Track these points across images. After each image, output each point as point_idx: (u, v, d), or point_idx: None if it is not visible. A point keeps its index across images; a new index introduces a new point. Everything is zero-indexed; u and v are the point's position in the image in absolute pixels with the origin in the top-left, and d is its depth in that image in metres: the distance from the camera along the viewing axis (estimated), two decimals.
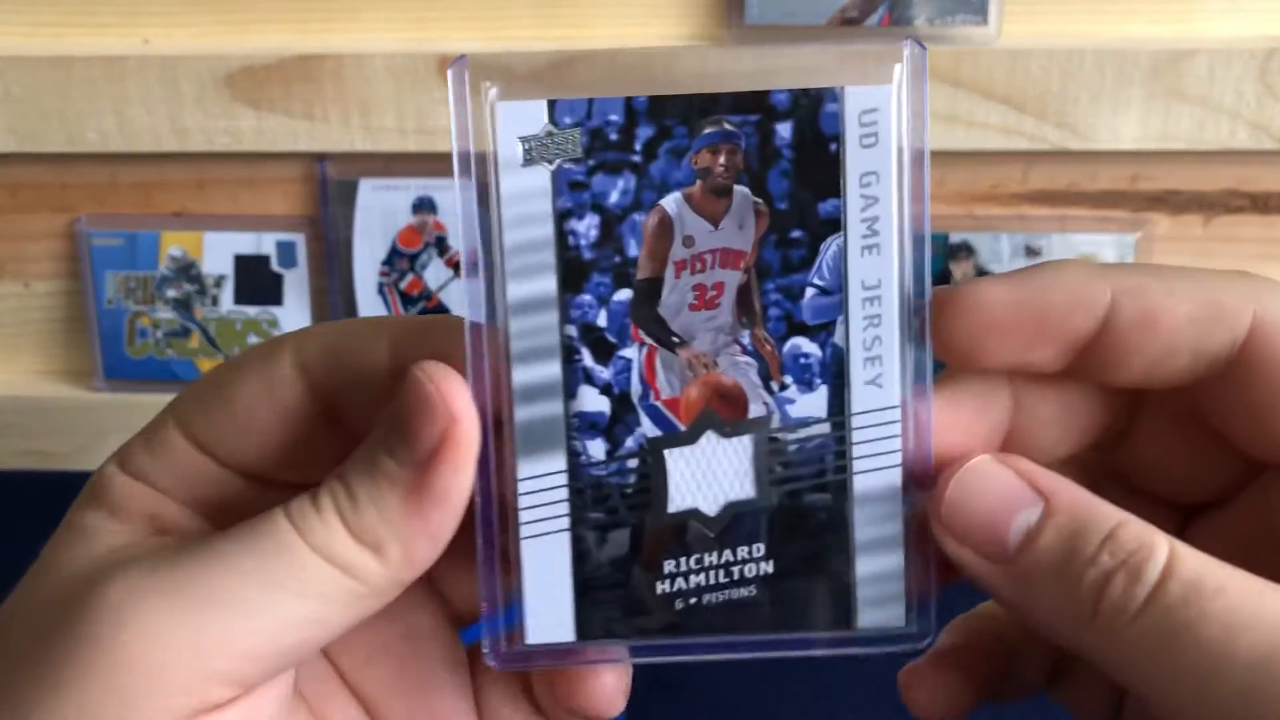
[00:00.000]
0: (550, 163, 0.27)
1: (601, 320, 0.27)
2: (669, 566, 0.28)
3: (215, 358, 0.73)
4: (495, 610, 0.28)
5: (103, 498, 0.28)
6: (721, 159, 0.27)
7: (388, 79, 0.65)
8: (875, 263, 0.27)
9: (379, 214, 0.70)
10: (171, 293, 0.73)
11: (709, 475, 0.28)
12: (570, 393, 0.27)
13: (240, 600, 0.25)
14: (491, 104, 0.26)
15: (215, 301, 0.73)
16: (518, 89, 0.26)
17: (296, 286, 0.72)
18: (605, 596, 0.28)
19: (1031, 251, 0.70)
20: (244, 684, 0.25)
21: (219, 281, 0.72)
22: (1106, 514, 0.25)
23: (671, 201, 0.27)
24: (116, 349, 0.73)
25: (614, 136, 0.27)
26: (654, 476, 0.28)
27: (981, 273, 0.70)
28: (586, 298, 0.27)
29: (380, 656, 0.30)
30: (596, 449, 0.28)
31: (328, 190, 0.70)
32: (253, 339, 0.73)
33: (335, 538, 0.25)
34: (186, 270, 0.72)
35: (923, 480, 0.27)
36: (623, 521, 0.28)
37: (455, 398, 0.25)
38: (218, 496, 0.28)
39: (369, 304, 0.71)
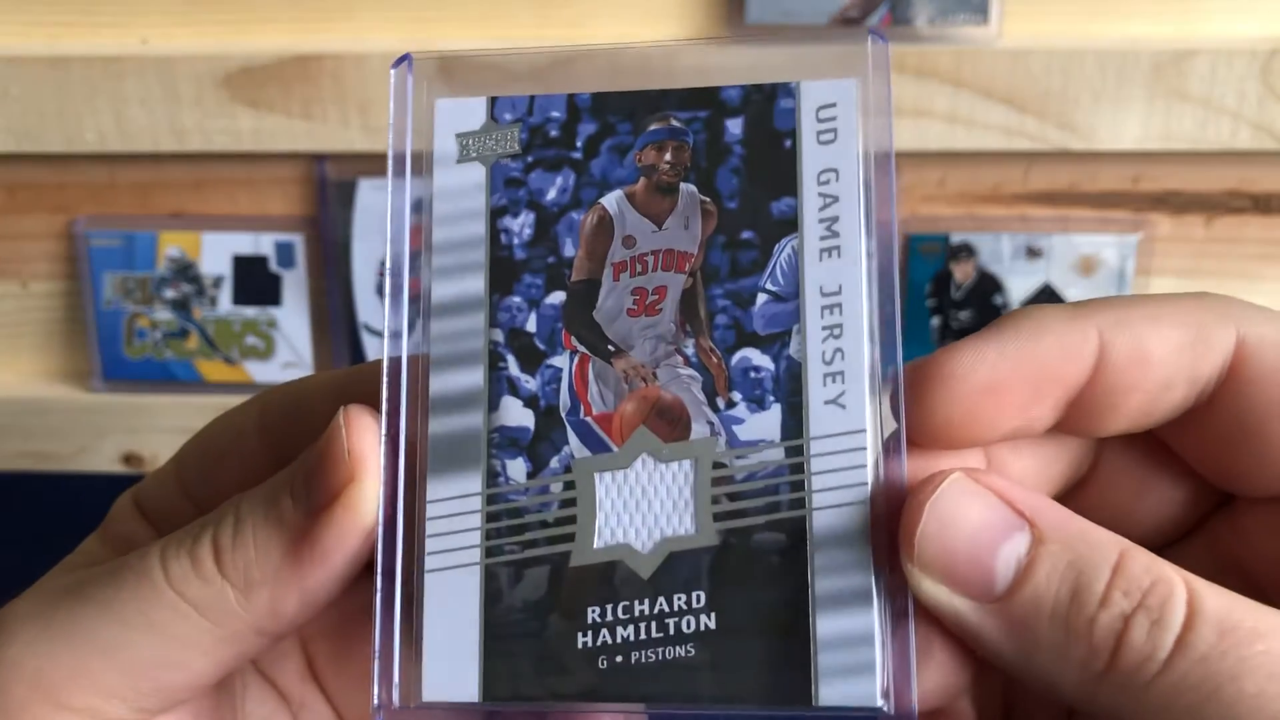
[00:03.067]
0: (486, 159, 0.25)
1: (531, 324, 0.25)
2: (592, 615, 0.24)
3: (213, 358, 0.73)
4: (390, 655, 0.24)
5: (107, 523, 0.28)
6: (668, 156, 0.25)
7: (386, 79, 0.65)
8: (835, 266, 0.24)
9: (378, 214, 0.70)
10: (170, 293, 0.72)
11: (643, 506, 0.24)
12: (492, 404, 0.24)
13: (93, 636, 0.24)
14: (433, 103, 0.25)
15: (213, 302, 0.72)
16: (459, 86, 0.25)
17: (295, 287, 0.72)
18: (517, 649, 0.24)
19: (1033, 252, 0.70)
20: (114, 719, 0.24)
21: (217, 282, 0.72)
22: (1105, 540, 0.22)
23: (612, 199, 0.25)
24: (114, 350, 0.73)
25: (555, 133, 0.25)
26: (580, 505, 0.24)
27: (983, 274, 0.70)
28: (516, 300, 0.25)
29: (348, 653, 0.29)
30: (517, 470, 0.24)
31: (326, 190, 0.70)
32: (251, 340, 0.73)
33: (198, 575, 0.24)
34: (185, 271, 0.72)
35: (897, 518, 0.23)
36: (542, 557, 0.24)
37: (363, 454, 0.23)
38: None
39: (368, 305, 0.71)
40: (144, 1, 0.67)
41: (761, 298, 0.24)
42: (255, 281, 0.72)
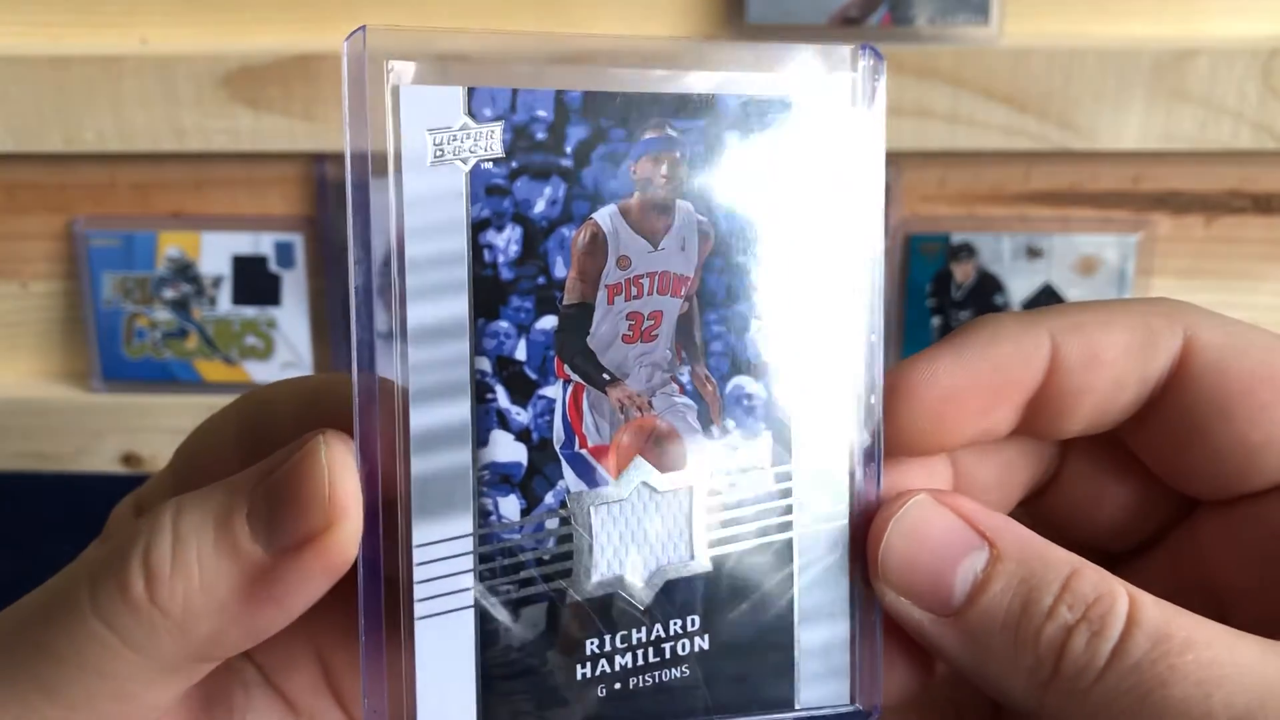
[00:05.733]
0: (465, 162, 0.22)
1: (520, 352, 0.23)
2: (591, 647, 0.24)
3: (213, 359, 0.73)
4: (380, 705, 0.23)
5: (108, 530, 0.28)
6: (663, 169, 0.23)
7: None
8: (828, 292, 0.24)
9: (377, 214, 0.70)
10: (169, 293, 0.72)
11: (640, 537, 0.24)
12: (481, 440, 0.23)
13: (38, 676, 0.22)
14: (396, 88, 0.22)
15: (213, 302, 0.72)
16: (430, 72, 0.22)
17: (294, 287, 0.72)
18: (515, 687, 0.23)
19: (1033, 252, 0.70)
20: None
21: (217, 282, 0.72)
22: (1058, 559, 0.23)
23: (606, 215, 0.23)
24: (114, 350, 0.73)
25: (541, 135, 0.23)
26: (577, 540, 0.24)
27: (983, 274, 0.70)
28: (503, 325, 0.23)
29: (303, 660, 0.28)
30: (510, 507, 0.23)
31: (326, 190, 0.70)
32: (250, 340, 0.73)
33: (124, 605, 0.22)
34: (184, 271, 0.72)
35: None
36: (539, 595, 0.23)
37: (345, 499, 0.22)
38: None
39: None
40: (144, 1, 0.67)
41: (755, 324, 0.24)
42: (255, 281, 0.72)
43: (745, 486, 0.24)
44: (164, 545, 0.22)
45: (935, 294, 0.71)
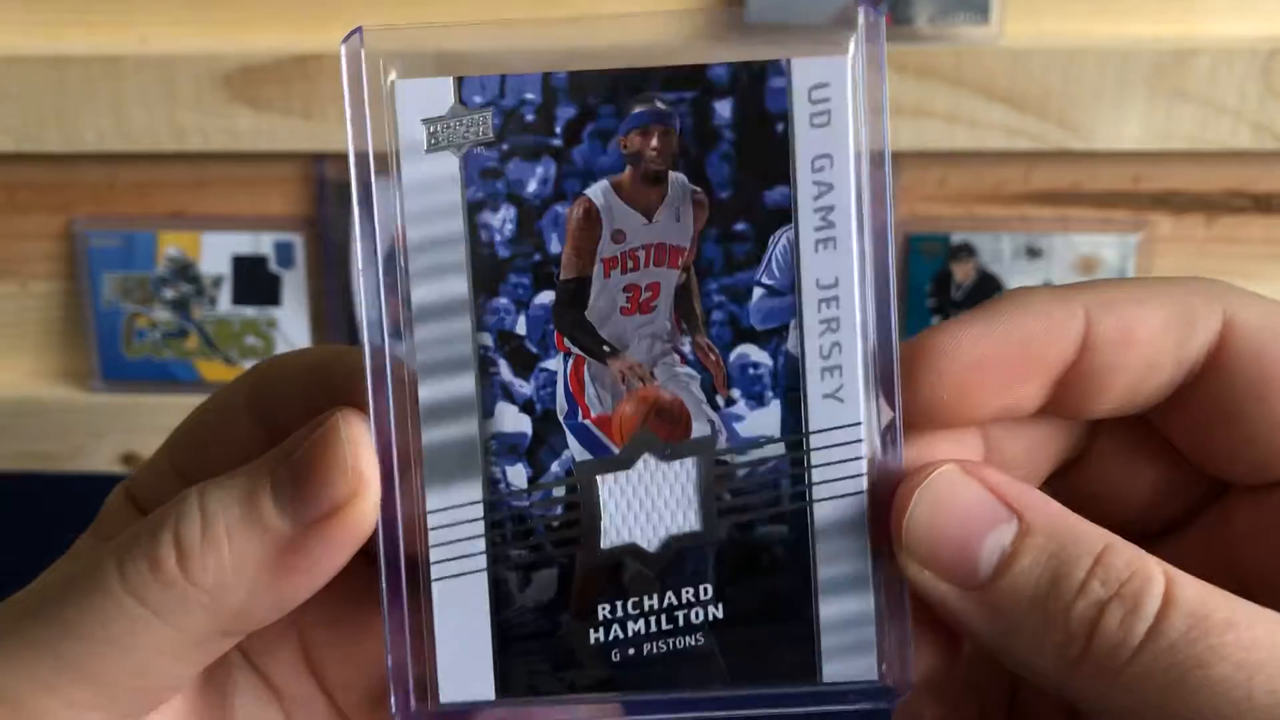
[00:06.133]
0: (458, 148, 0.23)
1: (520, 327, 0.24)
2: (603, 612, 0.24)
3: (213, 359, 0.73)
4: (404, 664, 0.24)
5: (101, 520, 0.27)
6: (654, 142, 0.24)
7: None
8: (832, 258, 0.23)
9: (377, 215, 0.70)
10: (169, 293, 0.72)
11: (647, 505, 0.24)
12: (486, 411, 0.24)
13: (62, 655, 0.23)
14: (391, 83, 0.23)
15: (213, 302, 0.72)
16: (421, 66, 0.23)
17: (294, 287, 0.72)
18: (530, 647, 0.24)
19: (1033, 252, 0.70)
20: None
21: (217, 282, 0.72)
22: (1090, 534, 0.22)
23: (598, 191, 0.24)
24: (114, 350, 0.73)
25: (531, 118, 0.23)
26: (584, 507, 0.24)
27: (982, 273, 0.70)
28: (502, 301, 0.24)
29: (342, 641, 0.28)
30: (517, 476, 0.24)
31: (326, 190, 0.70)
32: (250, 340, 0.73)
33: (155, 580, 0.23)
34: (184, 271, 0.72)
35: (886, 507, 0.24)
36: (549, 559, 0.24)
37: (364, 469, 0.23)
38: None
39: None
40: (143, 1, 0.67)
41: (757, 292, 0.24)
42: (254, 281, 0.72)
43: (755, 456, 0.24)
44: (193, 522, 0.23)
45: (935, 294, 0.71)
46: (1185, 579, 0.22)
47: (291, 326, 0.73)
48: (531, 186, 0.24)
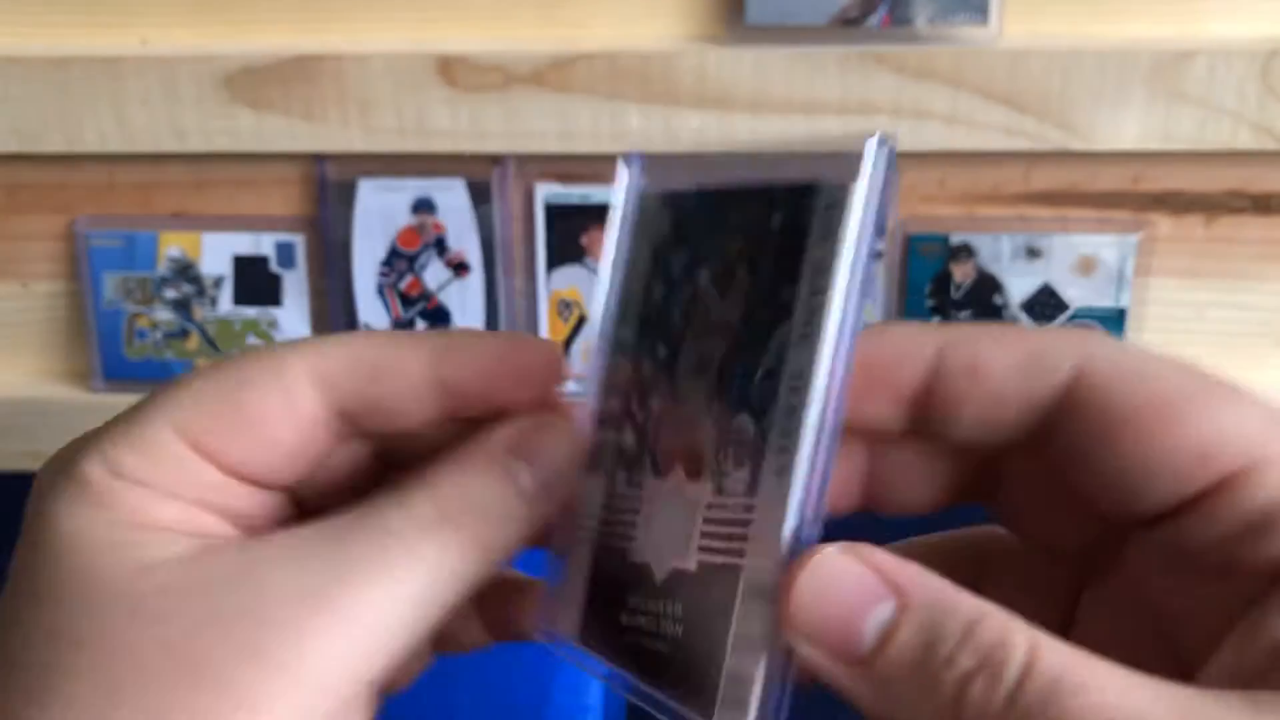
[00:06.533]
0: (649, 239, 0.31)
1: (647, 370, 0.30)
2: (630, 600, 0.29)
3: (214, 359, 0.73)
4: (549, 596, 0.31)
5: (102, 503, 0.27)
6: (738, 244, 0.29)
7: (387, 79, 0.65)
8: (805, 352, 0.26)
9: (378, 215, 0.70)
10: (170, 294, 0.72)
11: (666, 526, 0.29)
12: (619, 428, 0.31)
13: (373, 617, 0.26)
14: (635, 186, 0.32)
15: (214, 302, 0.73)
16: (658, 179, 0.31)
17: (295, 287, 0.72)
18: (599, 608, 0.30)
19: (1032, 253, 0.70)
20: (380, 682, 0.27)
21: (218, 282, 0.72)
22: (965, 607, 0.23)
23: (704, 278, 0.29)
24: (115, 350, 0.73)
25: (685, 221, 0.30)
26: (639, 516, 0.29)
27: (982, 274, 0.70)
28: (645, 344, 0.30)
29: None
30: (621, 480, 0.30)
31: (327, 191, 0.70)
32: (252, 340, 0.73)
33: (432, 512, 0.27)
34: (185, 271, 0.72)
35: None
36: (618, 548, 0.30)
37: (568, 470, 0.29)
38: (222, 502, 0.28)
39: (368, 305, 0.71)
40: (144, 2, 0.67)
41: (759, 373, 0.27)
42: (256, 282, 0.72)
43: (726, 509, 0.27)
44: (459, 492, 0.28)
45: (935, 294, 0.71)
46: (1050, 646, 0.23)
47: (292, 326, 0.73)
48: (675, 270, 0.30)
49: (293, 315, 0.73)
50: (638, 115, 0.65)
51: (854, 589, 0.24)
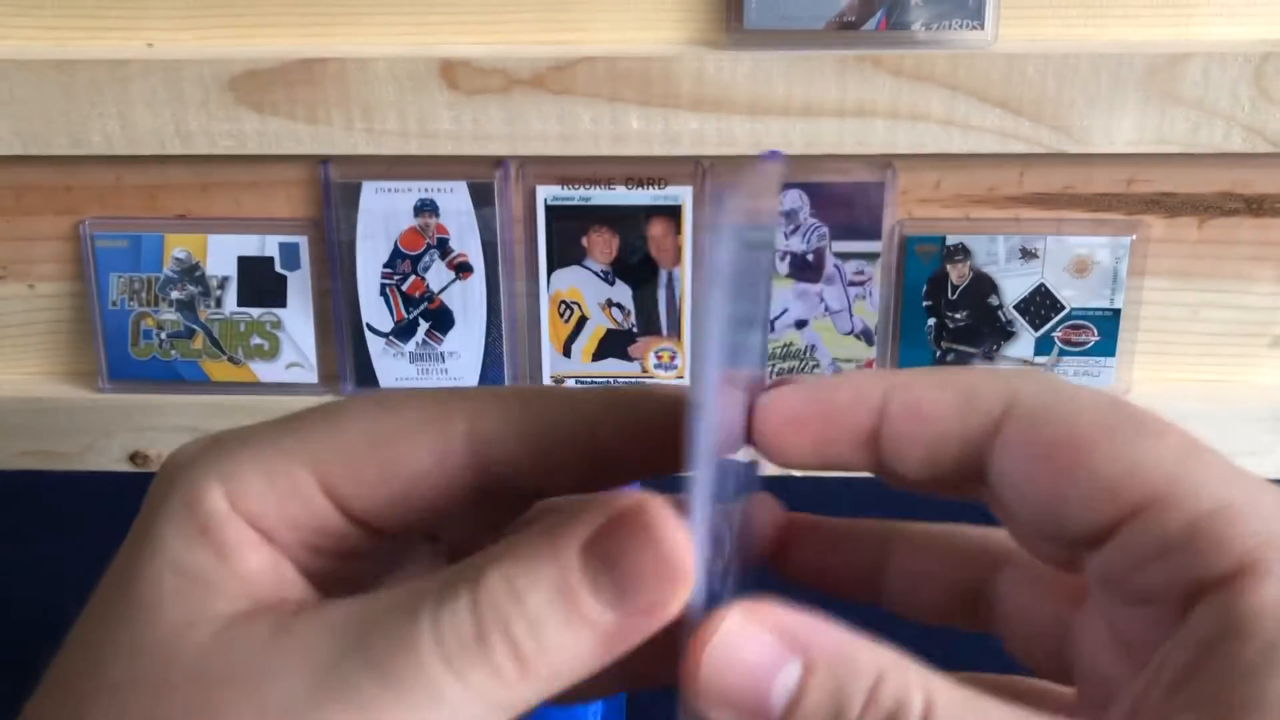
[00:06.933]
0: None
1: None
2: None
3: (219, 359, 0.74)
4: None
5: (212, 535, 0.25)
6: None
7: (390, 82, 0.65)
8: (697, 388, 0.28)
9: (381, 216, 0.71)
10: (175, 294, 0.73)
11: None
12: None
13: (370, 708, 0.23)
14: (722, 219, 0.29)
15: (219, 303, 0.73)
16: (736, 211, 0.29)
17: (300, 288, 0.73)
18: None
19: (1027, 254, 0.70)
20: None
21: (222, 283, 0.73)
22: (866, 667, 0.24)
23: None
24: (121, 350, 0.74)
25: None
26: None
27: (977, 275, 0.71)
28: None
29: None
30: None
31: (330, 192, 0.70)
32: (256, 340, 0.73)
33: (505, 684, 0.23)
34: (190, 272, 0.73)
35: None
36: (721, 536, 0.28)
37: (684, 556, 0.24)
38: (332, 544, 0.27)
39: (371, 306, 0.72)
40: (150, 5, 0.68)
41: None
42: (260, 282, 0.73)
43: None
44: (520, 622, 0.24)
45: (931, 295, 0.71)
46: (945, 696, 0.23)
47: (296, 327, 0.73)
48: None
49: (297, 316, 0.73)
50: (638, 118, 0.66)
51: (758, 656, 0.24)
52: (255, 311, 0.73)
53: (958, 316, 0.72)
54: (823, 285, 0.71)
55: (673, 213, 0.70)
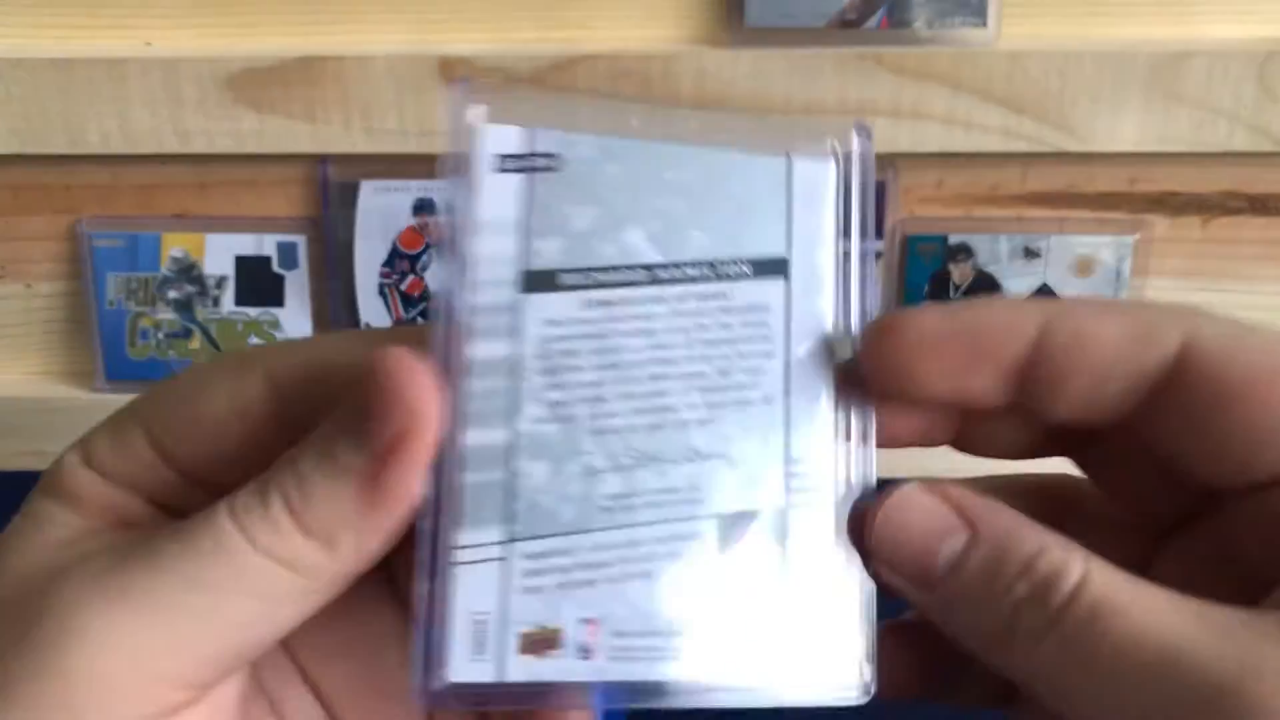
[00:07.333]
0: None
1: None
2: None
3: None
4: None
5: (61, 487, 0.28)
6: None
7: (389, 81, 0.65)
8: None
9: (380, 215, 0.70)
10: (173, 294, 0.73)
11: None
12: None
13: (182, 605, 0.25)
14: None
15: (216, 303, 0.73)
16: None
17: (298, 288, 0.72)
18: None
19: (1030, 253, 0.70)
20: (199, 686, 0.25)
21: (220, 283, 0.73)
22: (1029, 540, 0.25)
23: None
24: (118, 350, 0.74)
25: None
26: None
27: (980, 274, 0.70)
28: None
29: (341, 656, 0.30)
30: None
31: (329, 192, 0.70)
32: (254, 340, 0.73)
33: (282, 535, 0.25)
34: (188, 271, 0.72)
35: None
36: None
37: (420, 388, 0.25)
38: (174, 501, 0.28)
39: (370, 305, 0.72)
40: (147, 4, 0.68)
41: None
42: (258, 282, 0.73)
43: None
44: (292, 486, 0.25)
45: (933, 294, 0.71)
46: (1101, 573, 0.24)
47: (294, 327, 0.73)
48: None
49: (295, 315, 0.73)
50: (638, 116, 0.65)
51: (929, 522, 0.26)
52: (253, 311, 0.73)
53: None
54: None
55: None
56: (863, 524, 0.27)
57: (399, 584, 0.30)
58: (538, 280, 0.28)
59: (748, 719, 0.30)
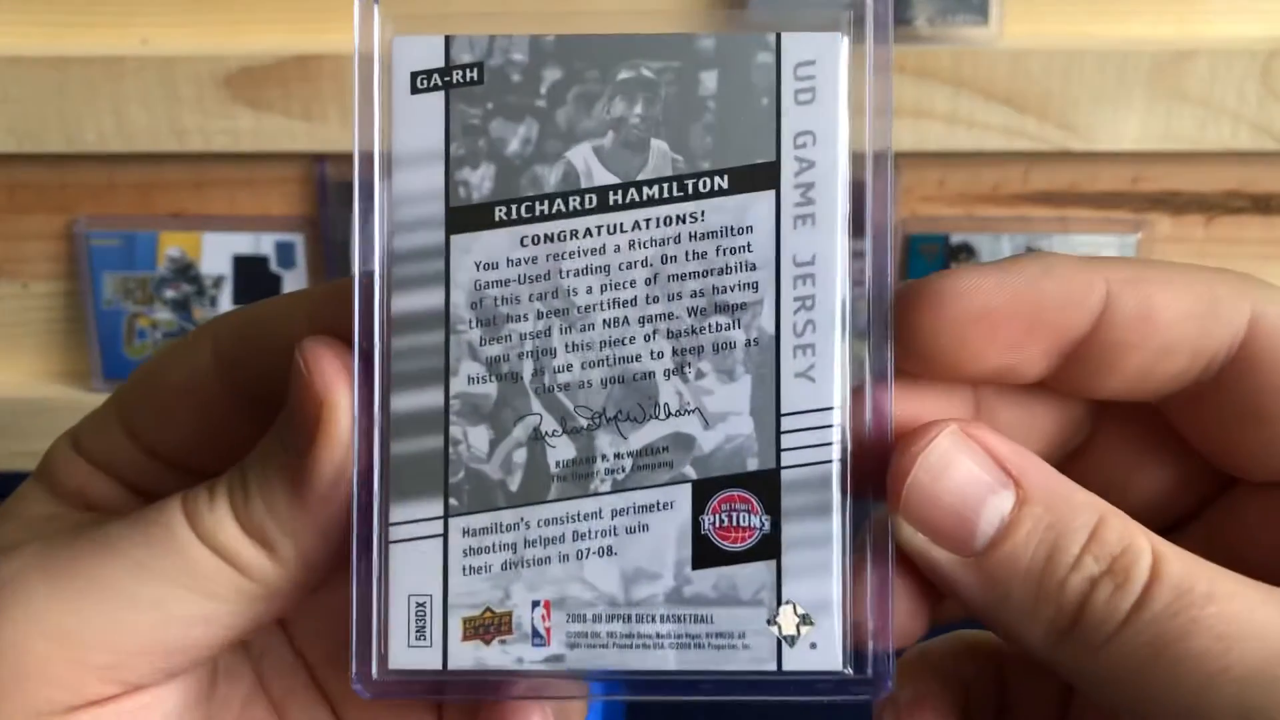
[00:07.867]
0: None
1: None
2: None
3: None
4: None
5: (46, 470, 0.28)
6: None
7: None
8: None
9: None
10: (170, 293, 0.73)
11: None
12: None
13: (124, 592, 0.24)
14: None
15: (214, 302, 0.73)
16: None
17: (295, 287, 0.72)
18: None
19: (1033, 252, 0.70)
20: (125, 681, 0.24)
21: (217, 282, 0.72)
22: (1086, 504, 0.22)
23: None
24: (115, 350, 0.73)
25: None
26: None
27: None
28: None
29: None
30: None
31: (326, 190, 0.70)
32: None
33: (225, 530, 0.24)
34: (185, 271, 0.72)
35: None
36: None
37: (326, 376, 0.23)
38: (148, 485, 0.28)
39: None
40: (144, 2, 0.67)
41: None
42: (255, 282, 0.72)
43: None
44: (237, 487, 0.25)
45: None
46: (1172, 552, 0.22)
47: None
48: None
49: None
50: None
51: (972, 475, 0.22)
52: None
53: None
54: None
55: None
56: (895, 483, 0.23)
57: None
58: (466, 217, 0.24)
59: (739, 714, 0.27)
